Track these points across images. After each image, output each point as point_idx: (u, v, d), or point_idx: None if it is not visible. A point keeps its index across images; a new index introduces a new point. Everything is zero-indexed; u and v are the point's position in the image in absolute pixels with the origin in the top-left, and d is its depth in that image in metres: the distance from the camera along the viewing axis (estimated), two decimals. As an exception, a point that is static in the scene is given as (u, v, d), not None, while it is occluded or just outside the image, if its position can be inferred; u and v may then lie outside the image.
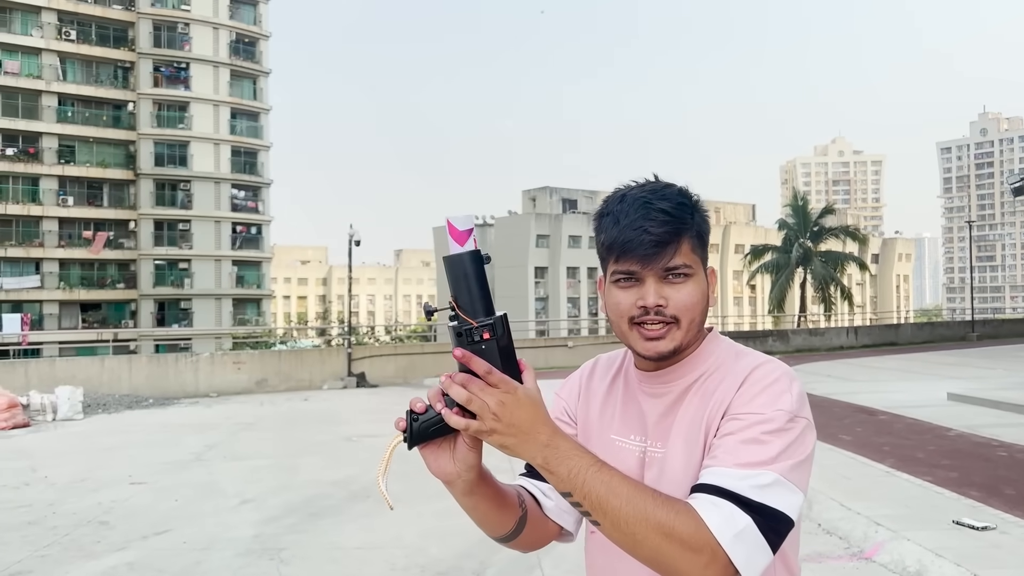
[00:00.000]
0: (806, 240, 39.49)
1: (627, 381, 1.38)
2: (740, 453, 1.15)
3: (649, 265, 1.24)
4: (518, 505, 1.33)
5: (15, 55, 47.36)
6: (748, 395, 1.21)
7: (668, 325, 1.25)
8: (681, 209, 1.27)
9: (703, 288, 1.28)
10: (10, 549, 6.16)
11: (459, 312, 1.12)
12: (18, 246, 46.88)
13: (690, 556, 1.07)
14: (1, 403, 12.67)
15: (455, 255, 1.14)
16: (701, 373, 1.29)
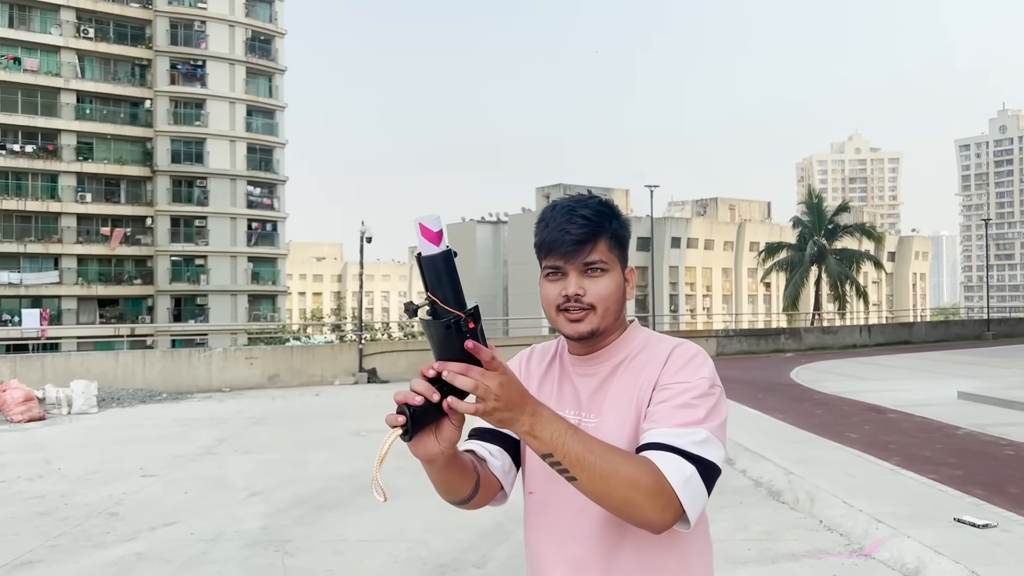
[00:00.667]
0: (821, 238, 39.33)
1: (562, 365, 1.60)
2: (676, 416, 1.38)
3: (570, 260, 1.48)
4: (473, 470, 1.49)
5: (34, 53, 47.85)
6: (673, 368, 1.45)
7: (586, 311, 1.48)
8: (599, 215, 1.50)
9: (618, 282, 1.51)
10: (22, 539, 6.28)
11: (442, 306, 1.22)
12: (37, 242, 47.41)
13: (652, 501, 1.28)
14: (17, 397, 12.85)
15: (432, 255, 1.23)
16: (626, 355, 1.53)
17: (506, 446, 1.59)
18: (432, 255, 1.23)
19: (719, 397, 1.43)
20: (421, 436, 1.29)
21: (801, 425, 10.43)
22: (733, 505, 6.97)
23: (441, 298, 1.22)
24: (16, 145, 47.21)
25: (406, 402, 1.25)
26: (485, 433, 1.59)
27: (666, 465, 1.31)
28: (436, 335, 1.23)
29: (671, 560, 1.48)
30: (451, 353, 1.24)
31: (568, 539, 1.49)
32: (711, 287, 71.05)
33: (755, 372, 19.35)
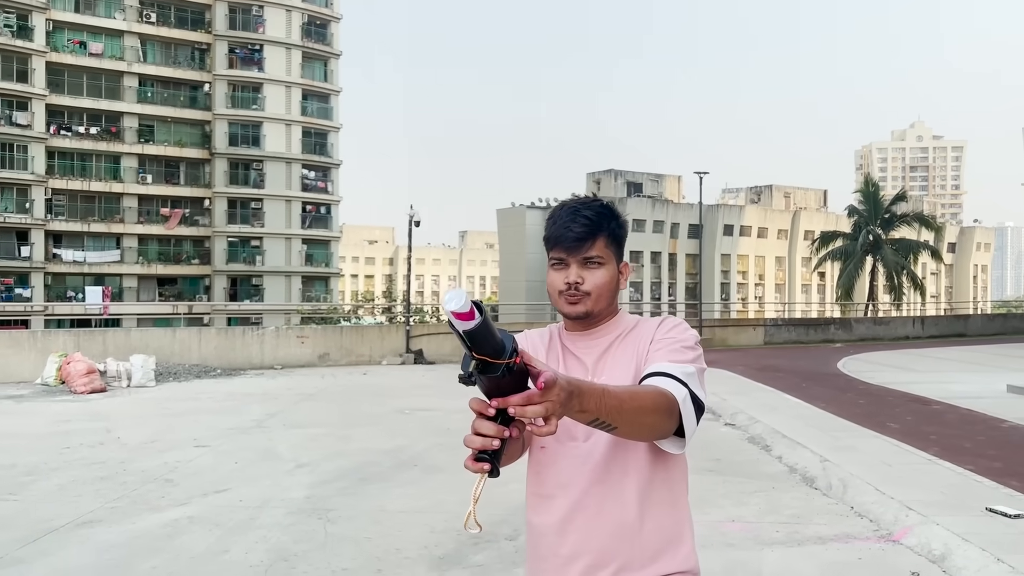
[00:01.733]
0: (876, 227, 38.56)
1: (562, 345, 1.88)
2: (670, 355, 1.71)
3: (572, 254, 1.78)
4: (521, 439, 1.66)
5: (99, 37, 49.20)
6: (664, 330, 1.80)
7: (581, 296, 1.79)
8: (599, 216, 1.79)
9: (612, 274, 1.82)
10: (84, 500, 6.67)
11: (492, 361, 1.30)
12: (100, 222, 48.90)
13: (667, 419, 1.58)
14: (81, 369, 13.44)
15: (473, 328, 1.29)
16: (622, 331, 1.84)
17: None
18: (473, 328, 1.29)
19: (701, 353, 1.76)
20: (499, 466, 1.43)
21: (842, 414, 10.40)
22: (765, 490, 7.06)
23: (490, 355, 1.30)
24: (81, 127, 48.70)
25: (484, 449, 1.36)
26: None
27: (671, 387, 1.61)
28: (489, 383, 1.32)
29: (662, 488, 1.77)
30: (505, 391, 1.33)
31: (580, 479, 1.75)
32: (764, 276, 70.11)
33: (801, 361, 19.20)
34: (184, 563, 5.17)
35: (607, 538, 1.74)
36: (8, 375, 14.79)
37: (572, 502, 1.75)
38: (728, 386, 13.44)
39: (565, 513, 1.76)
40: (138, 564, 5.14)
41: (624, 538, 1.74)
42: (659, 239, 63.21)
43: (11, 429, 10.25)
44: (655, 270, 63.79)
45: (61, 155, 48.11)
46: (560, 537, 1.77)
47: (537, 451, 1.82)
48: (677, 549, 1.79)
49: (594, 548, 1.74)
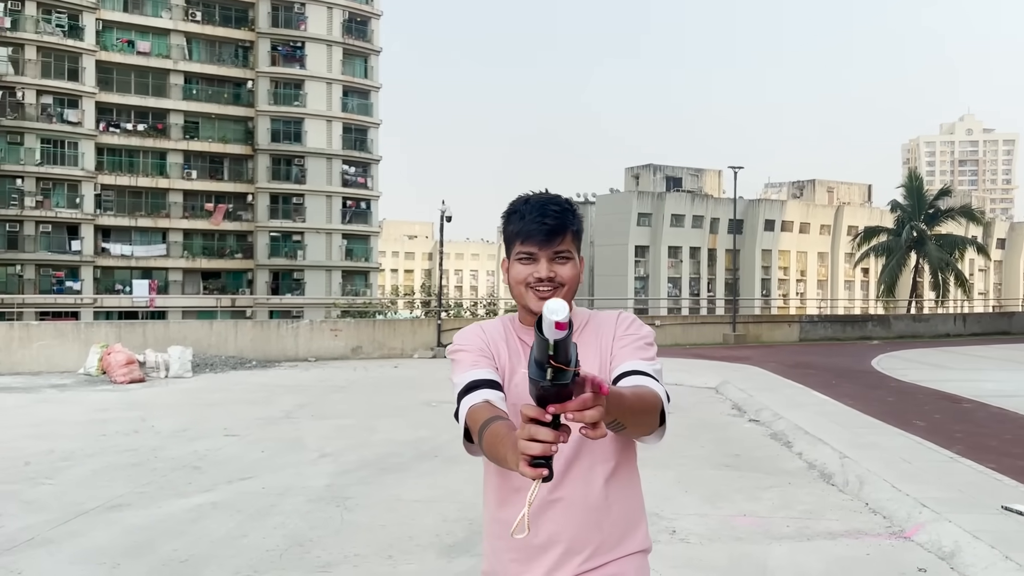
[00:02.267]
0: (920, 223, 37.85)
1: (519, 339, 1.92)
2: (639, 353, 1.84)
3: (544, 248, 1.84)
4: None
5: (146, 36, 50.25)
6: (624, 326, 1.90)
7: (556, 289, 1.85)
8: (565, 212, 1.87)
9: (577, 268, 1.88)
10: (115, 485, 6.93)
11: (565, 369, 1.40)
12: (147, 216, 49.99)
13: (655, 417, 1.70)
14: (120, 360, 13.86)
15: (563, 338, 1.39)
16: (578, 325, 1.87)
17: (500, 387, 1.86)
18: (561, 338, 1.39)
19: (653, 339, 1.91)
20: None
21: (868, 411, 10.31)
22: (781, 485, 7.07)
23: (564, 362, 1.39)
24: (129, 124, 49.81)
25: (544, 455, 1.42)
26: (487, 383, 1.82)
27: (655, 387, 1.74)
28: (551, 391, 1.40)
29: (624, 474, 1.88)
30: (554, 398, 1.41)
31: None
32: (805, 272, 69.23)
33: (835, 359, 18.99)
34: (204, 546, 5.37)
35: (580, 525, 1.81)
36: (53, 365, 15.30)
37: (544, 494, 1.79)
38: (756, 383, 13.38)
39: (538, 505, 1.79)
40: (160, 546, 5.35)
41: (595, 524, 1.82)
42: (698, 234, 62.74)
43: (53, 417, 10.63)
44: (694, 266, 63.34)
45: (110, 151, 49.28)
46: (533, 527, 1.79)
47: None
48: (637, 530, 1.89)
49: (568, 536, 1.81)
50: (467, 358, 1.88)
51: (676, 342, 23.29)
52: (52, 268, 46.54)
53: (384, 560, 5.09)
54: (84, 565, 4.99)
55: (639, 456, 1.96)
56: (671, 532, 5.62)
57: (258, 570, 4.92)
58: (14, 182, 45.66)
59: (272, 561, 5.07)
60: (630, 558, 1.86)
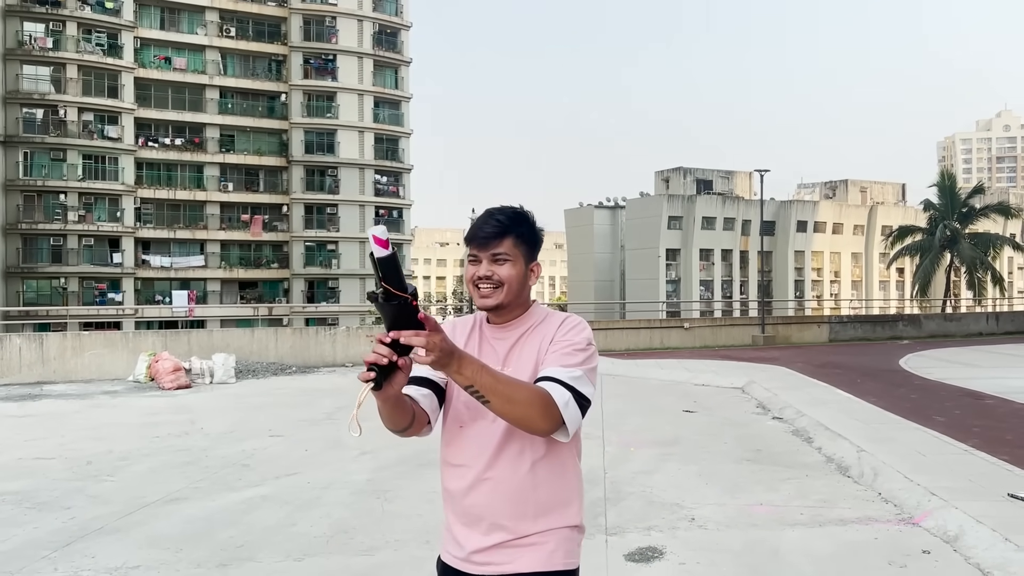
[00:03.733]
0: (953, 221, 37.61)
1: (481, 333, 2.17)
2: (562, 359, 2.02)
3: (482, 250, 2.07)
4: (410, 408, 2.04)
5: (183, 52, 51.51)
6: (562, 332, 2.08)
7: (495, 288, 2.07)
8: (509, 220, 2.08)
9: (520, 270, 2.08)
10: (171, 481, 7.44)
11: (395, 293, 1.69)
12: (185, 228, 51.16)
13: (541, 415, 1.91)
14: (168, 367, 14.47)
15: (385, 256, 1.68)
16: (531, 325, 2.13)
17: (434, 390, 2.12)
18: (384, 256, 1.66)
19: (593, 352, 2.06)
20: (384, 385, 1.80)
21: (890, 408, 10.55)
22: (798, 477, 7.38)
23: (394, 287, 1.67)
24: (167, 139, 51.08)
25: (375, 363, 1.75)
26: (420, 380, 2.11)
27: (553, 390, 1.93)
28: (391, 313, 1.69)
29: (553, 461, 2.09)
30: (402, 324, 1.71)
31: (485, 454, 2.06)
32: (839, 273, 68.72)
33: (862, 358, 19.10)
34: (257, 533, 5.84)
35: (506, 503, 2.04)
36: (104, 373, 15.98)
37: (477, 472, 2.05)
38: (783, 382, 13.62)
39: (471, 481, 2.06)
40: (217, 533, 5.83)
41: (520, 502, 2.04)
42: (730, 236, 62.60)
43: (108, 420, 11.22)
44: (726, 268, 63.19)
45: (149, 166, 50.55)
46: (468, 500, 2.07)
47: (454, 427, 2.12)
48: (566, 508, 2.09)
49: (495, 511, 2.05)
50: None
51: (705, 344, 23.50)
52: (95, 280, 47.83)
53: (422, 544, 5.51)
54: (151, 550, 5.47)
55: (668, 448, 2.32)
56: (690, 520, 5.98)
57: (308, 553, 5.37)
58: (57, 197, 47.05)
59: (320, 546, 5.52)
60: (554, 532, 2.06)
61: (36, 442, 9.53)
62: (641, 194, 64.75)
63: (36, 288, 46.77)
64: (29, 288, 46.51)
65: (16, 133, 45.92)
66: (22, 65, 46.41)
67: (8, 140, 45.62)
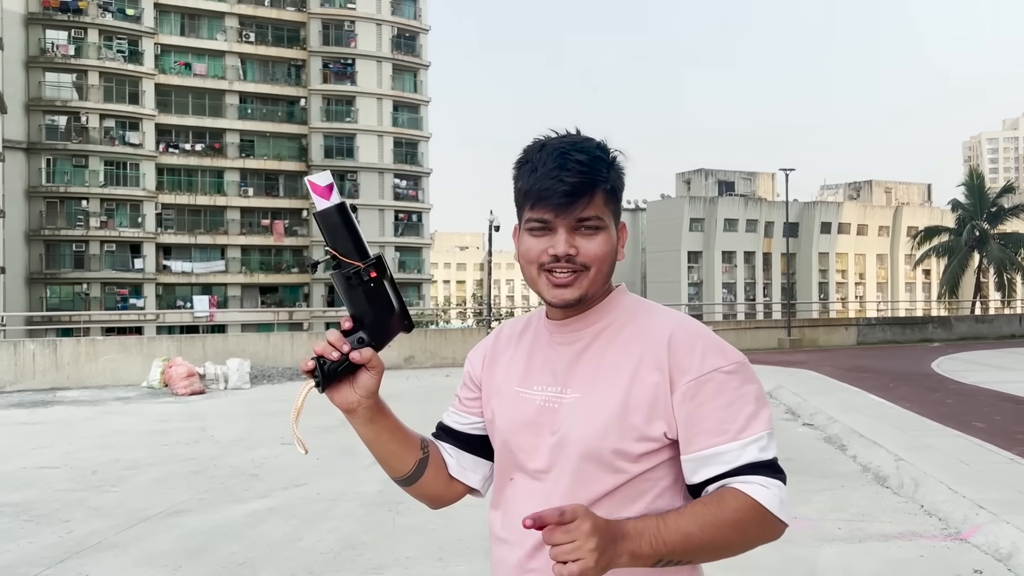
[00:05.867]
0: (982, 221, 36.87)
1: (536, 336, 1.41)
2: (731, 419, 1.25)
3: (562, 215, 1.27)
4: (420, 448, 1.44)
5: (203, 58, 51.74)
6: (697, 358, 1.26)
7: (577, 273, 1.28)
8: (597, 162, 1.29)
9: (612, 242, 1.32)
10: (176, 492, 7.17)
11: (342, 259, 1.23)
12: (206, 234, 51.32)
13: (761, 533, 1.26)
14: (181, 372, 14.28)
15: (325, 209, 1.24)
16: (609, 322, 1.34)
17: (464, 444, 1.50)
18: (326, 209, 1.23)
19: (754, 376, 1.30)
20: (338, 386, 1.31)
21: (926, 414, 10.11)
22: (834, 488, 6.98)
23: (341, 251, 1.22)
24: (187, 144, 51.29)
25: (322, 355, 1.25)
26: (441, 433, 1.54)
27: (762, 495, 1.24)
28: (341, 287, 1.24)
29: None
30: (358, 304, 1.24)
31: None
32: (864, 274, 67.85)
33: (893, 362, 18.61)
34: (261, 549, 5.53)
35: None
36: (118, 378, 15.82)
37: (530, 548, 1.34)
38: (811, 386, 13.19)
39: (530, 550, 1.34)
40: (219, 549, 5.53)
41: None
42: (752, 238, 61.97)
43: (118, 428, 11.01)
44: (749, 270, 62.53)
45: (169, 171, 50.75)
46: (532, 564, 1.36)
47: (502, 479, 1.43)
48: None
49: None
50: (461, 393, 1.56)
51: (730, 347, 23.04)
52: (116, 286, 48.08)
53: (434, 562, 5.18)
54: (148, 568, 5.18)
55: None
56: (720, 535, 5.62)
57: (313, 572, 5.05)
58: (79, 203, 47.35)
59: (326, 563, 5.20)
60: None
61: (42, 450, 9.32)
62: (662, 196, 64.30)
63: (59, 294, 47.09)
64: (52, 294, 46.82)
65: (39, 140, 46.24)
66: (44, 72, 46.75)
67: (31, 147, 45.95)
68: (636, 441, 1.26)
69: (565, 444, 1.29)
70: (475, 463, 1.48)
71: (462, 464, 1.48)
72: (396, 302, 1.26)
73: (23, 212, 45.02)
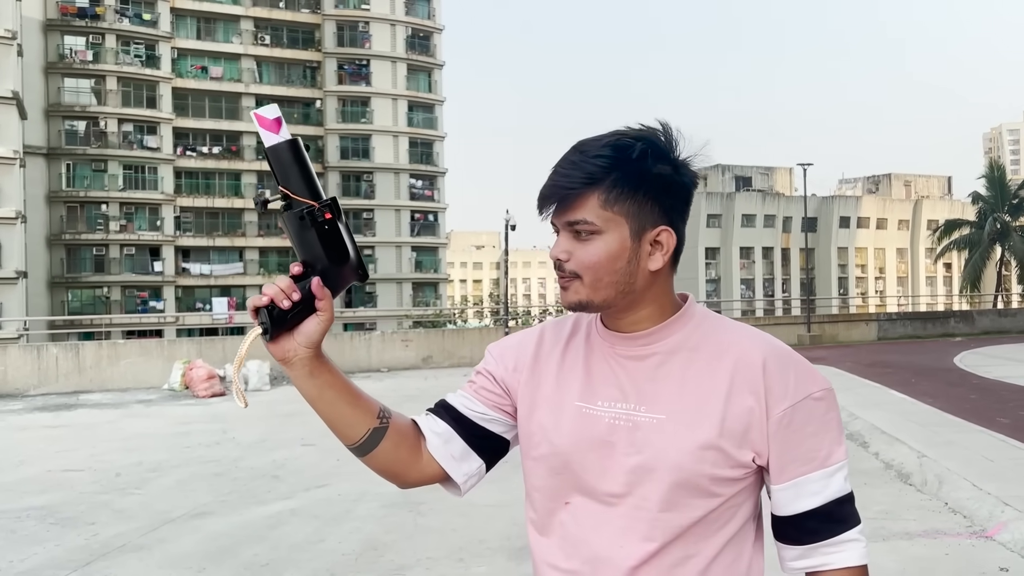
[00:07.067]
0: (1003, 214, 36.50)
1: (592, 345, 1.28)
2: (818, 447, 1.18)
3: (557, 217, 1.20)
4: (376, 416, 1.29)
5: (219, 61, 52.07)
6: (786, 378, 1.18)
7: (572, 279, 1.19)
8: (597, 160, 1.16)
9: (616, 248, 1.17)
10: (198, 494, 7.22)
11: (294, 198, 1.14)
12: (224, 236, 51.66)
13: None
14: (202, 375, 14.37)
15: (275, 145, 1.17)
16: (686, 337, 1.23)
17: (463, 430, 1.33)
18: (275, 145, 1.16)
19: (835, 398, 1.23)
20: (281, 336, 1.20)
21: (949, 409, 10.01)
22: (857, 486, 6.70)
23: (294, 190, 1.14)
24: (205, 147, 51.65)
25: (273, 300, 1.16)
26: (440, 410, 1.36)
27: (852, 554, 1.23)
28: (292, 229, 1.17)
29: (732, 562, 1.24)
30: (310, 248, 1.17)
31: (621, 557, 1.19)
32: (884, 269, 67.31)
33: (915, 356, 18.45)
34: (283, 551, 5.56)
35: None
36: (139, 381, 15.95)
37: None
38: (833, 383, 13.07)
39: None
40: (242, 551, 5.56)
41: None
42: (770, 234, 61.62)
43: (140, 430, 11.10)
44: (767, 266, 62.19)
45: (187, 174, 51.14)
46: None
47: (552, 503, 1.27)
48: None
49: None
50: (477, 381, 1.36)
51: (749, 344, 22.93)
52: (136, 289, 48.49)
53: (456, 563, 5.19)
54: (171, 570, 5.22)
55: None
56: (742, 533, 5.59)
57: (335, 573, 5.08)
58: (99, 208, 47.79)
59: (348, 564, 5.23)
60: None
61: (67, 453, 9.41)
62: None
63: (80, 297, 47.56)
64: (74, 297, 47.29)
65: (59, 145, 46.71)
66: (63, 78, 47.20)
67: (51, 152, 46.42)
68: (731, 467, 1.17)
69: (652, 468, 1.17)
70: (465, 454, 1.32)
71: (451, 452, 1.31)
72: (351, 248, 1.19)
73: (44, 217, 45.49)
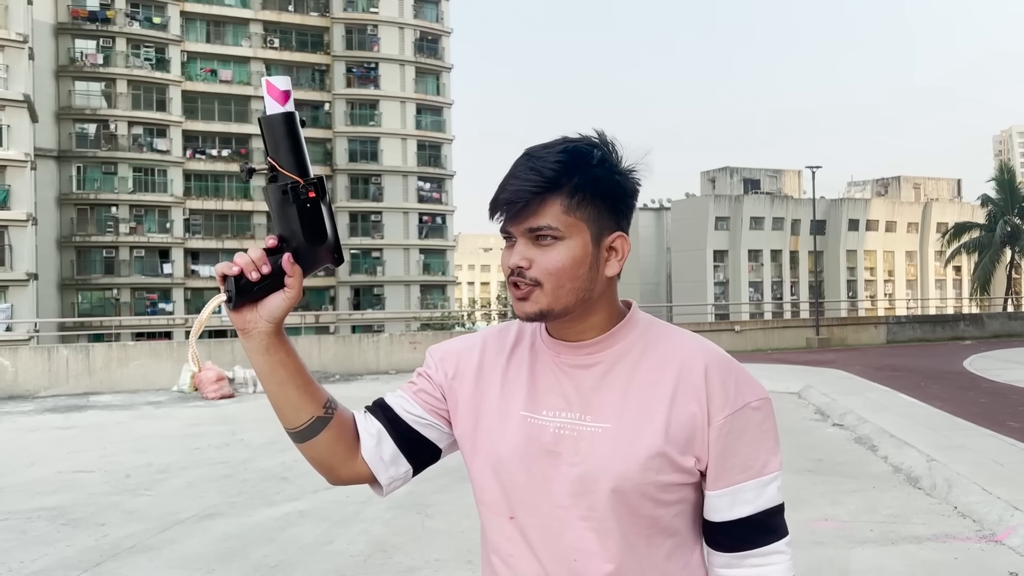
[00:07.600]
0: (1013, 216, 36.35)
1: (536, 353, 1.27)
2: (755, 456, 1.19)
3: (516, 224, 1.17)
4: (322, 406, 1.27)
5: (228, 64, 52.26)
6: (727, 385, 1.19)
7: (532, 287, 1.17)
8: (557, 167, 1.15)
9: (579, 253, 1.16)
10: (208, 495, 7.25)
11: (281, 171, 1.12)
12: (233, 238, 51.79)
13: None
14: (211, 376, 14.42)
15: (274, 114, 1.14)
16: (630, 345, 1.23)
17: (396, 433, 1.31)
18: (273, 115, 1.15)
19: (773, 408, 1.23)
20: (244, 306, 1.18)
21: (958, 413, 9.98)
22: (865, 489, 6.92)
23: (281, 163, 1.13)
24: (214, 150, 51.84)
25: (243, 270, 1.14)
26: (377, 409, 1.33)
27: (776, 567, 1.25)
28: (273, 202, 1.14)
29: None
30: (288, 223, 1.14)
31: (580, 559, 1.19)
32: (893, 272, 67.04)
33: (924, 360, 18.37)
34: (292, 552, 5.59)
35: None
36: (149, 383, 16.01)
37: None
38: (840, 386, 13.06)
39: None
40: (251, 552, 5.59)
41: None
42: (779, 236, 61.47)
43: (149, 432, 11.14)
44: (776, 269, 62.01)
45: (196, 177, 51.33)
46: None
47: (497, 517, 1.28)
48: None
49: None
50: (418, 383, 1.35)
51: (758, 347, 22.88)
52: (146, 291, 48.67)
53: (464, 564, 5.20)
54: (181, 570, 5.25)
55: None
56: (750, 537, 5.59)
57: (344, 575, 5.10)
58: (109, 210, 48.02)
59: (357, 566, 5.25)
60: None
61: (77, 454, 9.46)
62: (687, 195, 63.95)
63: (90, 299, 47.77)
64: (84, 299, 47.51)
65: (69, 148, 46.96)
66: (74, 81, 47.46)
67: (62, 155, 46.68)
68: (675, 472, 1.18)
69: (596, 478, 1.17)
70: (395, 459, 1.30)
71: (381, 453, 1.29)
72: (331, 230, 1.17)
73: (55, 219, 45.73)
